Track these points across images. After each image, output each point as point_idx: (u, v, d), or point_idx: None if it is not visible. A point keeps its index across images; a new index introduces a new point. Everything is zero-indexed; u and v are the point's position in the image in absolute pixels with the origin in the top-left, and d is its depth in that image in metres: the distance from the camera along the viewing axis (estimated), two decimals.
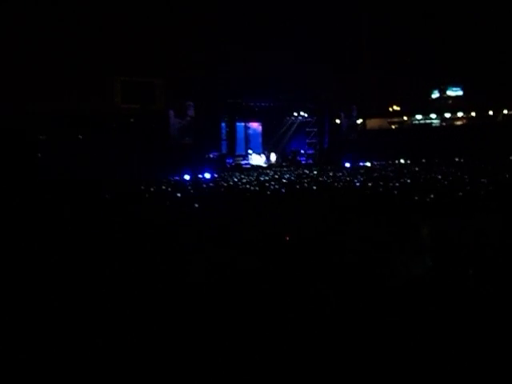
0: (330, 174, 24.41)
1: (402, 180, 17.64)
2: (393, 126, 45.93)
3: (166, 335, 4.35)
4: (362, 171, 25.95)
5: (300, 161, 38.25)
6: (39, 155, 23.63)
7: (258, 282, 5.53)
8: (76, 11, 29.84)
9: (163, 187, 18.28)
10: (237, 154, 35.74)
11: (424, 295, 4.98)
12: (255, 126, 39.57)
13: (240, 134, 37.43)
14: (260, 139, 39.54)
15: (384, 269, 5.81)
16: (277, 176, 24.25)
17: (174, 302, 5.15)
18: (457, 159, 32.27)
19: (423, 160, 33.01)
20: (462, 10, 41.54)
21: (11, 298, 5.39)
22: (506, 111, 41.82)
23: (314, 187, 16.20)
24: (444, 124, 45.57)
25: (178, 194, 15.31)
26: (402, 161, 34.39)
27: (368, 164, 34.22)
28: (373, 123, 43.18)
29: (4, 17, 27.39)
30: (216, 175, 26.60)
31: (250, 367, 3.77)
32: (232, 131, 34.47)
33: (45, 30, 28.30)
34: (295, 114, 38.88)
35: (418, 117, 46.48)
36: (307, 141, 39.79)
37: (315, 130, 38.85)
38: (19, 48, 27.74)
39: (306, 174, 25.65)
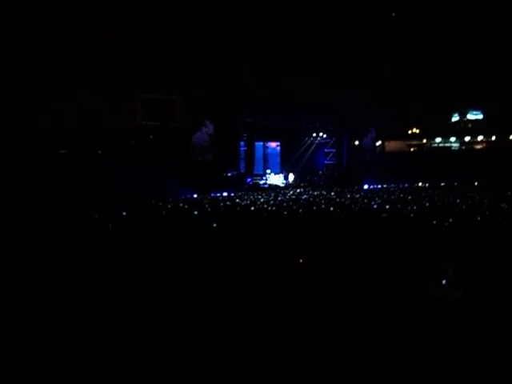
0: (348, 195, 24.30)
1: (420, 203, 17.53)
2: (412, 149, 45.83)
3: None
4: (379, 194, 25.78)
5: (318, 181, 38.19)
6: (61, 169, 23.87)
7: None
8: (99, 29, 30.27)
9: (180, 204, 18.33)
10: (255, 173, 35.78)
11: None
12: (274, 145, 39.65)
13: (258, 154, 37.56)
14: (278, 159, 39.59)
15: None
16: (294, 197, 24.20)
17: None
18: (476, 183, 31.98)
19: (442, 183, 32.79)
20: (484, 35, 41.50)
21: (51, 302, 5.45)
22: None
23: (332, 208, 16.14)
24: (464, 147, 45.37)
25: (195, 212, 15.32)
26: (421, 184, 34.15)
27: (386, 186, 34.05)
28: (392, 145, 43.12)
29: (30, 33, 27.88)
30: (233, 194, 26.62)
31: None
32: (250, 150, 34.56)
33: (68, 48, 28.73)
34: (314, 134, 38.93)
35: (438, 140, 46.36)
36: (325, 162, 39.76)
37: (334, 150, 38.83)
38: (45, 65, 28.17)
39: (323, 195, 25.56)
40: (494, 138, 44.20)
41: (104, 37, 30.71)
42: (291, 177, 37.35)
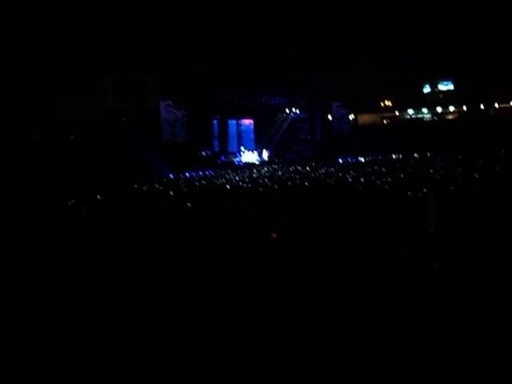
0: (323, 170, 24.36)
1: (394, 174, 17.64)
2: (385, 121, 46.08)
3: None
4: (352, 167, 25.89)
5: (293, 157, 38.23)
6: (32, 155, 23.53)
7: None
8: (68, 12, 29.71)
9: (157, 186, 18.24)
10: (229, 151, 35.67)
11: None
12: (247, 122, 39.51)
13: (232, 131, 37.40)
14: (252, 136, 39.48)
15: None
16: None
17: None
18: (448, 153, 32.28)
19: (415, 154, 33.01)
20: (453, 5, 41.62)
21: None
22: (497, 105, 42.02)
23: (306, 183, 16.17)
24: (436, 118, 45.78)
25: (171, 192, 15.24)
26: (394, 156, 34.35)
27: (361, 159, 34.18)
28: (365, 118, 43.29)
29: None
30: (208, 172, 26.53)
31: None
32: (224, 128, 34.39)
33: (36, 31, 28.17)
34: (287, 110, 38.84)
35: (410, 111, 46.68)
36: (299, 137, 39.77)
37: (307, 125, 38.83)
38: (11, 50, 27.61)
39: (298, 170, 25.59)
40: (465, 108, 44.64)
41: (73, 20, 30.18)
42: (265, 154, 37.32)
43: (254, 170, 26.97)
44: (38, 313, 4.89)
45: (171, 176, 24.68)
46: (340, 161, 33.41)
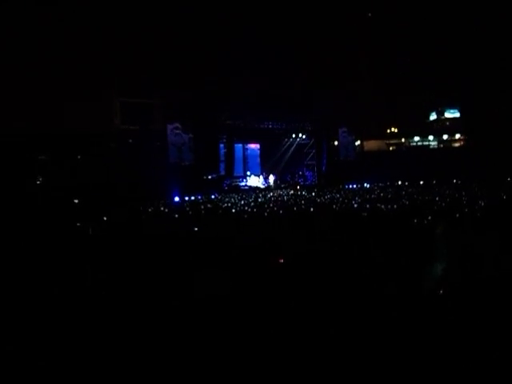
0: (328, 195, 24.37)
1: (400, 201, 17.63)
2: (390, 148, 46.12)
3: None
4: (360, 193, 25.90)
5: (298, 182, 38.31)
6: (39, 175, 23.66)
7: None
8: (76, 31, 30.03)
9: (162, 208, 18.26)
10: (235, 175, 35.76)
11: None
12: (253, 147, 39.66)
13: (238, 156, 37.51)
14: (258, 160, 39.61)
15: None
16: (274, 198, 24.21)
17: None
18: (455, 181, 32.26)
19: (421, 182, 33.01)
20: (459, 34, 41.91)
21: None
22: (502, 132, 42.01)
23: (311, 209, 16.17)
24: (442, 146, 45.84)
25: (176, 215, 15.27)
26: (400, 182, 34.33)
27: (366, 185, 34.20)
28: (371, 145, 43.32)
29: (6, 37, 27.58)
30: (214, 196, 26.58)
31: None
32: (230, 152, 34.50)
33: (44, 50, 28.45)
34: (293, 135, 39.01)
35: (416, 138, 46.76)
36: (305, 162, 39.90)
37: (313, 151, 38.98)
38: (21, 69, 27.86)
39: (304, 195, 25.60)
40: (471, 135, 44.69)
41: (81, 40, 30.49)
42: (271, 178, 37.40)
43: (260, 195, 27.02)
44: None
45: (177, 199, 24.74)
46: (346, 187, 33.42)
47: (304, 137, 39.00)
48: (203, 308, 5.37)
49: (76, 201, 20.09)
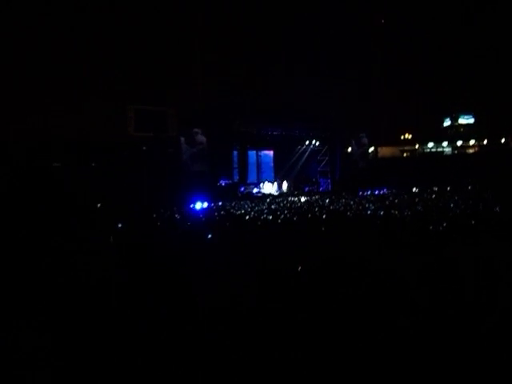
0: (342, 202, 24.28)
1: (415, 208, 17.54)
2: (404, 154, 46.02)
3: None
4: (373, 199, 25.77)
5: (312, 189, 38.30)
6: (53, 182, 23.79)
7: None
8: (91, 41, 30.30)
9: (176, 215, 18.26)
10: (248, 181, 35.81)
11: None
12: (267, 153, 39.70)
13: (252, 162, 37.56)
14: (272, 167, 39.64)
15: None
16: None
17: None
18: (469, 187, 32.03)
19: (435, 188, 32.85)
20: (475, 40, 41.79)
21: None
22: None
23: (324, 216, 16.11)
24: (456, 152, 45.63)
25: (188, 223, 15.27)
26: (414, 189, 34.16)
27: (380, 192, 34.06)
28: (384, 151, 43.26)
29: (18, 44, 27.88)
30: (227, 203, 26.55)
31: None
32: (244, 159, 34.55)
33: (58, 59, 28.72)
34: (307, 142, 39.03)
35: (430, 145, 46.60)
36: (319, 169, 39.86)
37: (327, 158, 38.96)
38: (35, 77, 28.13)
39: (318, 202, 25.53)
40: (485, 141, 44.50)
41: (96, 49, 30.76)
42: (285, 185, 37.40)
43: (274, 201, 27.01)
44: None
45: (192, 206, 24.78)
46: (360, 193, 33.29)
47: (317, 144, 39.00)
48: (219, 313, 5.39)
49: (89, 208, 20.15)
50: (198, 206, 24.63)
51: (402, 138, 48.73)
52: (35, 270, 7.83)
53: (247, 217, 16.42)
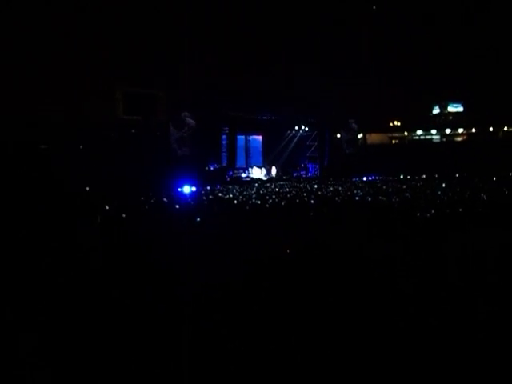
0: (330, 188, 24.32)
1: (402, 195, 17.61)
2: (393, 141, 46.11)
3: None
4: (361, 185, 25.84)
5: (301, 174, 38.33)
6: (40, 164, 23.59)
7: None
8: (79, 23, 29.96)
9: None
10: (237, 166, 35.71)
11: None
12: (256, 138, 39.55)
13: (240, 147, 37.40)
14: (261, 152, 39.51)
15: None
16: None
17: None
18: (457, 175, 32.17)
19: (423, 175, 33.00)
20: (464, 28, 41.78)
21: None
22: (506, 128, 41.98)
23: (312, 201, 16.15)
24: (444, 140, 45.77)
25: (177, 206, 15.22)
26: (402, 176, 34.27)
27: (369, 178, 34.15)
28: (373, 138, 43.32)
29: (7, 27, 27.51)
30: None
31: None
32: (232, 144, 34.41)
33: (47, 41, 28.38)
34: (296, 127, 38.92)
35: (419, 132, 46.70)
36: (307, 154, 39.82)
37: (316, 143, 38.92)
38: (21, 58, 27.81)
39: (306, 187, 25.55)
40: (474, 130, 44.65)
41: (84, 31, 30.43)
42: (273, 170, 37.36)
43: (262, 186, 27.01)
44: None
45: (180, 189, 24.68)
46: (348, 179, 33.34)
47: (307, 129, 38.92)
48: (209, 300, 5.40)
49: (77, 191, 20.01)
50: (187, 189, 24.52)
51: (391, 124, 48.74)
52: (20, 255, 7.78)
53: (235, 201, 16.44)
